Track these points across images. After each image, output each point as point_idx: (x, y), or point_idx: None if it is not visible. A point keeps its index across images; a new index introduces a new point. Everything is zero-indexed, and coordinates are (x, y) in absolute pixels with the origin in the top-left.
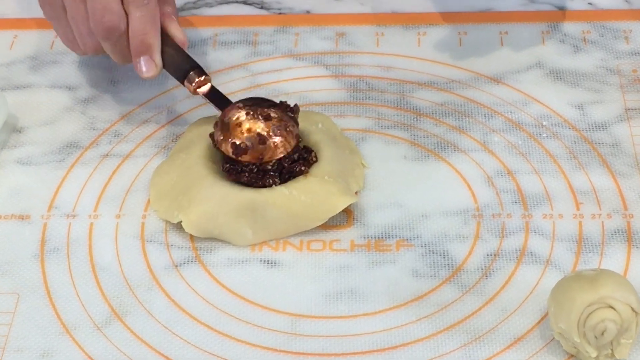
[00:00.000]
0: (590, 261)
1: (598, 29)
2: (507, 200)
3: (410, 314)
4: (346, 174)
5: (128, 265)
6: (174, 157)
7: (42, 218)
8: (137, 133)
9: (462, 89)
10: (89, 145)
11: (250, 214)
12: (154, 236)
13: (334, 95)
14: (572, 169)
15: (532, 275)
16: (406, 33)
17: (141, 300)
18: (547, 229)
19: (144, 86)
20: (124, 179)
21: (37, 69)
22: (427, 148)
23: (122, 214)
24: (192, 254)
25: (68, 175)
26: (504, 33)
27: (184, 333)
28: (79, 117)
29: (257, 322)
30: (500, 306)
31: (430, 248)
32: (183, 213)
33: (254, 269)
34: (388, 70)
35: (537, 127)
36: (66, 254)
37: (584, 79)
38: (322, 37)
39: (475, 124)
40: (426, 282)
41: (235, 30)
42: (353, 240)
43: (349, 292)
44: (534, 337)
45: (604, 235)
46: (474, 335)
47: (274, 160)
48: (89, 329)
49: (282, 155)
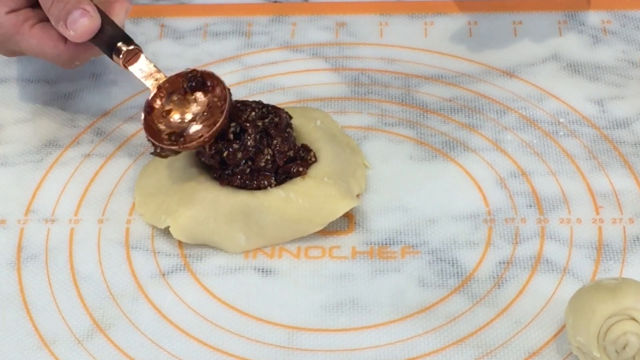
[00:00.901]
0: (610, 269)
1: (619, 18)
2: (521, 204)
3: (416, 326)
4: (347, 175)
5: (111, 274)
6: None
7: (18, 223)
8: (121, 131)
9: (472, 83)
10: (69, 144)
11: (244, 218)
12: (139, 242)
13: (333, 90)
14: (591, 170)
15: (548, 284)
16: (412, 23)
17: (125, 311)
18: (564, 235)
19: (128, 81)
20: (107, 181)
21: (12, 63)
22: (435, 147)
23: (105, 218)
24: (181, 261)
25: (47, 176)
26: (517, 23)
27: (172, 347)
28: (58, 113)
29: (251, 336)
30: (514, 318)
31: (438, 255)
32: (171, 217)
33: (248, 277)
34: (392, 63)
35: (553, 125)
36: (44, 262)
37: (604, 72)
38: (321, 27)
39: (486, 121)
40: (433, 292)
41: (227, 20)
42: (354, 246)
43: (350, 302)
44: (550, 351)
45: (625, 241)
46: (486, 350)
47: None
48: (69, 343)
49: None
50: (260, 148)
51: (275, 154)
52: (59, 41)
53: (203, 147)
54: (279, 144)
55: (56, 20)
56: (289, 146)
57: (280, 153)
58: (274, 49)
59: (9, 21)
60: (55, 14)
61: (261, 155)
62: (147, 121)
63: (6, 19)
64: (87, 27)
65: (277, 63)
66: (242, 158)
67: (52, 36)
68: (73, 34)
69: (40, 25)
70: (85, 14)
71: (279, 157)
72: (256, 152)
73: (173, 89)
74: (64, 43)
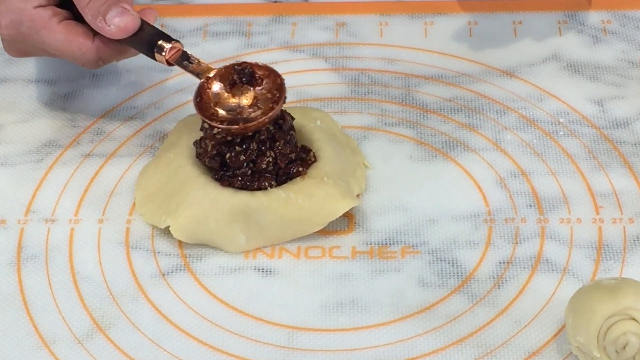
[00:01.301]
0: (610, 269)
1: (619, 18)
2: (521, 204)
3: (416, 326)
4: (347, 175)
5: (111, 274)
6: (161, 156)
7: (18, 223)
8: (121, 131)
9: (472, 83)
10: (69, 144)
11: (244, 218)
12: (139, 242)
13: (333, 90)
14: (591, 170)
15: (548, 284)
16: (412, 23)
17: (126, 311)
18: (564, 235)
19: (128, 81)
20: (107, 181)
21: (12, 63)
22: (435, 147)
23: (105, 218)
24: (181, 261)
25: (47, 176)
26: (517, 23)
27: (172, 347)
28: (58, 113)
29: (251, 336)
30: (514, 318)
31: (438, 255)
32: (171, 217)
33: (248, 277)
34: (392, 63)
35: (553, 125)
36: (44, 262)
37: (604, 72)
38: (321, 27)
39: (486, 121)
40: (433, 292)
41: (227, 20)
42: (354, 246)
43: (350, 302)
44: (550, 351)
45: (625, 241)
46: (486, 350)
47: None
48: (69, 343)
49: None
50: (262, 150)
51: (277, 156)
52: (87, 38)
53: (246, 134)
54: (282, 146)
55: (94, 15)
56: (291, 148)
57: (282, 155)
58: (274, 49)
59: (38, 15)
60: (95, 8)
61: (263, 157)
62: (200, 107)
63: (35, 13)
64: (129, 24)
65: (277, 63)
66: (245, 161)
67: (80, 33)
68: (114, 29)
69: (67, 22)
70: (126, 12)
71: (280, 159)
72: (258, 154)
73: (223, 79)
74: (91, 41)
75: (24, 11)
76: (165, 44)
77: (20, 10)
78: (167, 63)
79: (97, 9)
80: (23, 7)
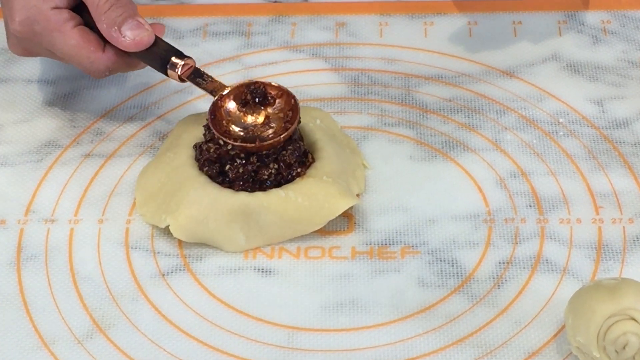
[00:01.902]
0: (610, 269)
1: (619, 18)
2: (521, 204)
3: (416, 326)
4: (346, 175)
5: (111, 274)
6: (161, 157)
7: (18, 223)
8: (121, 131)
9: (472, 84)
10: (69, 144)
11: (244, 218)
12: (139, 242)
13: (333, 90)
14: (591, 170)
15: (548, 284)
16: (412, 23)
17: (125, 312)
18: (564, 235)
19: (128, 81)
20: (107, 181)
21: (12, 62)
22: (434, 147)
23: (105, 218)
24: (181, 261)
25: (46, 176)
26: (517, 23)
27: (172, 347)
28: (58, 113)
29: (250, 336)
30: (514, 318)
31: (438, 255)
32: (171, 217)
33: (247, 277)
34: (392, 63)
35: (553, 125)
36: (44, 262)
37: (604, 72)
38: (321, 27)
39: (486, 121)
40: (433, 292)
41: (227, 20)
42: (354, 246)
43: (350, 303)
44: (549, 351)
45: (625, 241)
46: (485, 350)
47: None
48: (69, 343)
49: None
50: (265, 162)
51: (281, 165)
52: (97, 47)
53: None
54: (287, 155)
55: (110, 24)
56: (295, 157)
57: (286, 165)
58: (274, 49)
59: (54, 16)
60: (112, 18)
61: (265, 169)
62: (214, 124)
63: (52, 14)
64: (144, 38)
65: (277, 63)
66: (244, 173)
67: (92, 41)
68: (128, 41)
69: (80, 28)
70: (141, 26)
71: (283, 169)
72: (260, 166)
73: (236, 98)
74: (102, 50)
75: (41, 10)
76: (178, 60)
77: (37, 9)
78: (179, 80)
79: (113, 19)
80: (40, 6)
